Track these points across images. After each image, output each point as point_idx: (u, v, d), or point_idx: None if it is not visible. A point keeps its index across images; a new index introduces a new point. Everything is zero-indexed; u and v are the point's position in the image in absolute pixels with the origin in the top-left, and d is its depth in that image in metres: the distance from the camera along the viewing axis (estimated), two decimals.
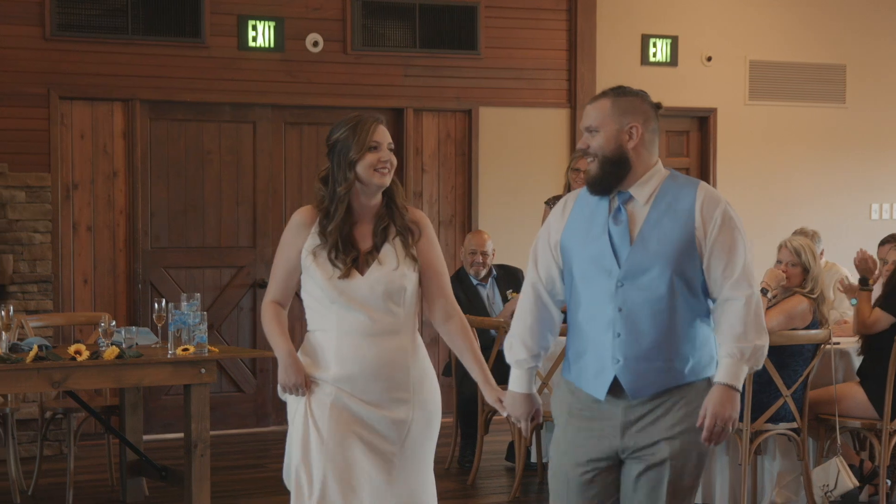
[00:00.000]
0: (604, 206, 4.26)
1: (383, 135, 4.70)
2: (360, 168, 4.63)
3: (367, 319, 4.64)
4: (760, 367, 4.19)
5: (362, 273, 4.66)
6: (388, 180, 4.69)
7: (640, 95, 4.27)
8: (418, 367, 4.77)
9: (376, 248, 4.69)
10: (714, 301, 4.21)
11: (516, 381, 4.43)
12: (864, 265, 7.74)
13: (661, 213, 4.19)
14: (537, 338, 4.37)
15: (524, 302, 4.40)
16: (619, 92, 4.26)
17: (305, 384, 4.67)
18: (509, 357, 4.42)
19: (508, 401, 4.47)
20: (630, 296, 4.16)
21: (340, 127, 4.71)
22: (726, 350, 4.13)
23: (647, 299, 4.14)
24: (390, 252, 4.70)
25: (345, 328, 4.65)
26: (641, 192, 4.22)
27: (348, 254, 4.65)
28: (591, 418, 4.26)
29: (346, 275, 4.62)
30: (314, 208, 4.76)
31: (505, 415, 4.56)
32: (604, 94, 4.28)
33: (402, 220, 4.74)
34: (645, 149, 4.22)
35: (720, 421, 4.11)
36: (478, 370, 4.77)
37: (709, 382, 4.20)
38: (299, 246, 4.71)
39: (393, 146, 4.72)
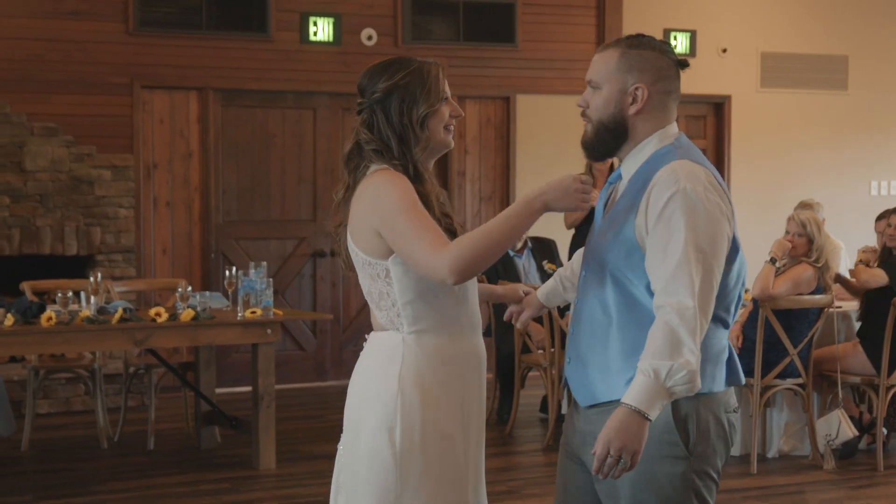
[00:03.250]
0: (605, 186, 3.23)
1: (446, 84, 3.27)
2: (434, 124, 3.18)
3: (475, 311, 3.24)
4: (692, 393, 2.83)
5: None
6: None
7: (659, 48, 3.06)
8: None
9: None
10: None
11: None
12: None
13: (625, 199, 3.03)
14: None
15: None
16: (633, 43, 3.07)
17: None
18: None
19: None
20: (583, 288, 3.10)
21: (393, 69, 3.19)
22: (641, 365, 2.80)
23: (593, 293, 3.05)
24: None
25: (463, 329, 3.20)
26: (628, 166, 3.08)
27: (446, 227, 3.16)
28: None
29: None
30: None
31: (523, 316, 3.53)
32: (616, 42, 3.11)
33: None
34: (650, 114, 3.03)
35: (614, 451, 2.78)
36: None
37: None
38: None
39: None
